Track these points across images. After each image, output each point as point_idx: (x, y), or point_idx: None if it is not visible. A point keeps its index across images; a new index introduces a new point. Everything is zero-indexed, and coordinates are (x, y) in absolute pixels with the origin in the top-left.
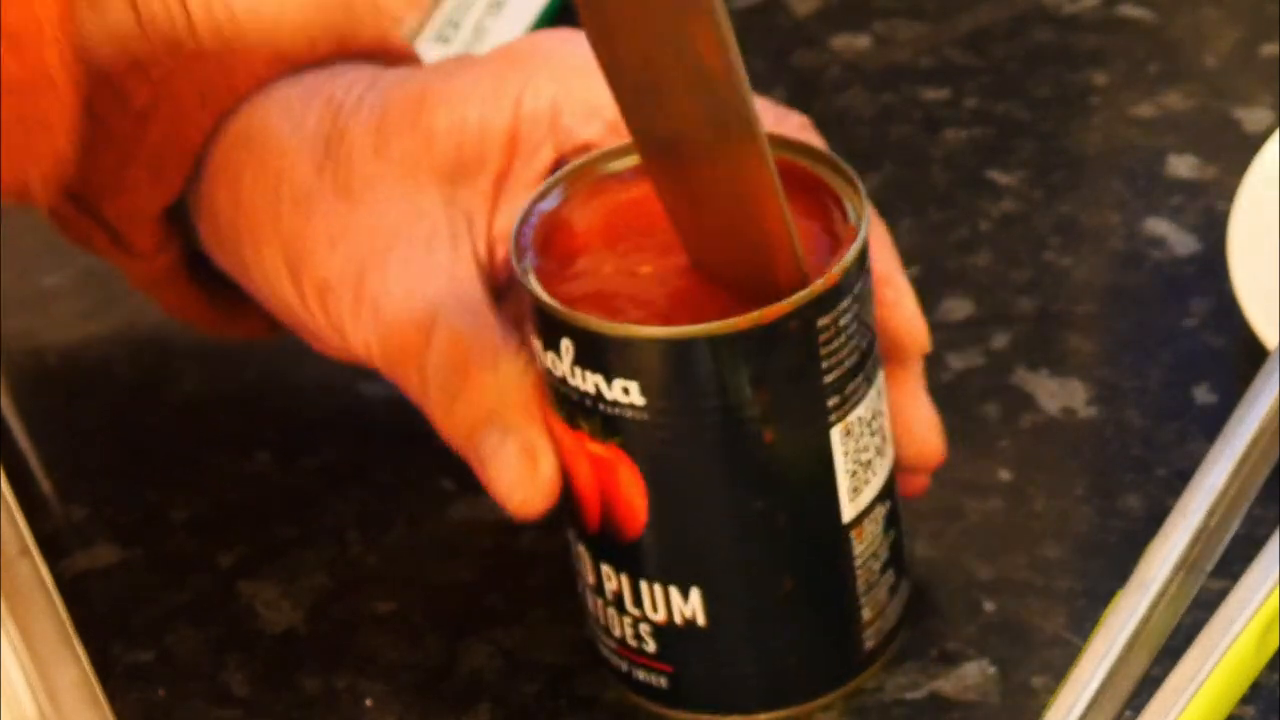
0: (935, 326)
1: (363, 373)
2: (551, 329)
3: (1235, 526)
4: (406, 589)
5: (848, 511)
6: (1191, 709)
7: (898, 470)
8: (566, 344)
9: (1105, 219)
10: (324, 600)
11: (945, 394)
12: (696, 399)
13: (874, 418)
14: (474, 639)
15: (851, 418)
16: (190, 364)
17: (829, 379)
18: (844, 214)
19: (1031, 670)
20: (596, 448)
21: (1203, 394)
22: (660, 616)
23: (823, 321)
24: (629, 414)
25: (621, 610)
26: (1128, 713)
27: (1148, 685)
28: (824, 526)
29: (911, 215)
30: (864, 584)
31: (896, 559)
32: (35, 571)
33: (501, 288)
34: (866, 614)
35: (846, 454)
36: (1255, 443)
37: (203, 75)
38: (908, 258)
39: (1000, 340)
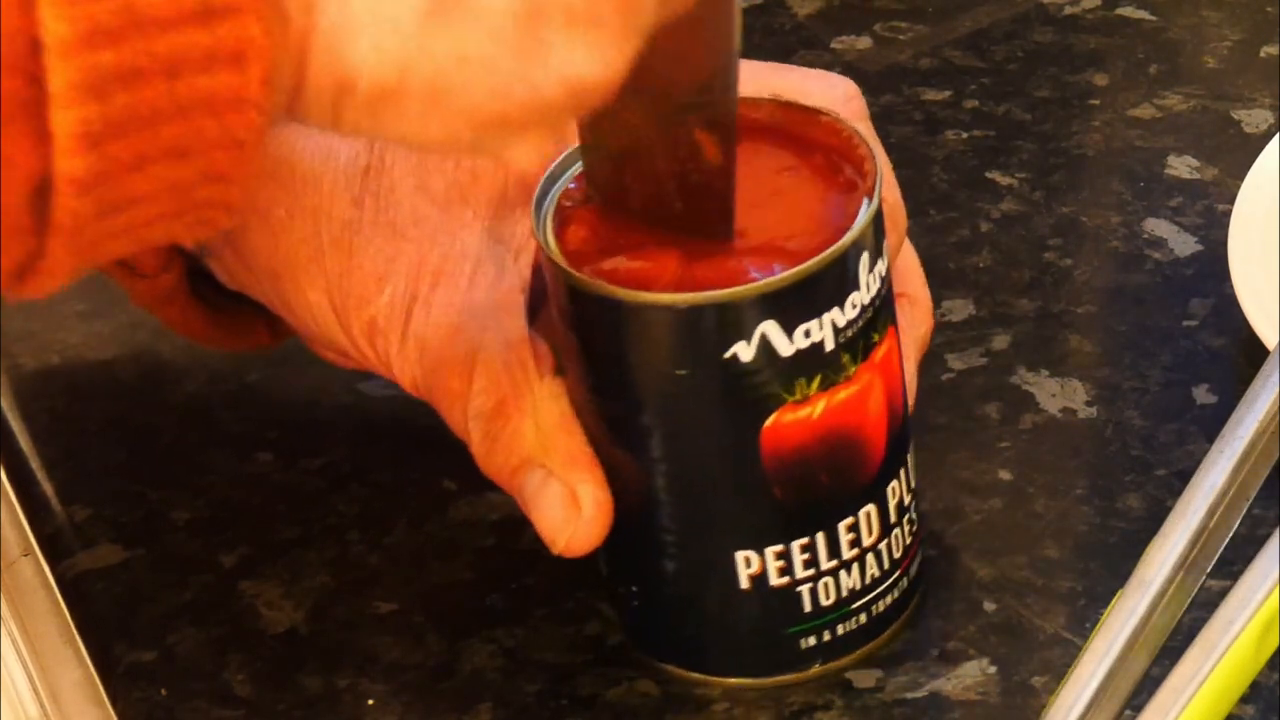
0: (935, 327)
1: (363, 373)
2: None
3: (1235, 526)
4: (408, 589)
5: None
6: (1191, 709)
7: None
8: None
9: (1105, 219)
10: (326, 600)
11: (945, 394)
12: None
13: None
14: (475, 639)
15: None
16: (192, 364)
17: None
18: (852, 153)
19: (1031, 670)
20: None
21: (1203, 394)
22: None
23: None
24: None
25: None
26: (1128, 713)
27: (1148, 685)
28: None
29: (912, 216)
30: None
31: None
32: (38, 572)
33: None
34: None
35: None
36: (1255, 443)
37: None
38: None
39: (1000, 340)
